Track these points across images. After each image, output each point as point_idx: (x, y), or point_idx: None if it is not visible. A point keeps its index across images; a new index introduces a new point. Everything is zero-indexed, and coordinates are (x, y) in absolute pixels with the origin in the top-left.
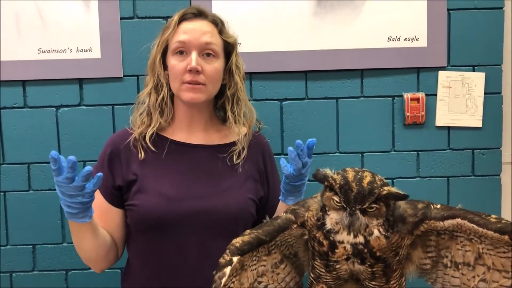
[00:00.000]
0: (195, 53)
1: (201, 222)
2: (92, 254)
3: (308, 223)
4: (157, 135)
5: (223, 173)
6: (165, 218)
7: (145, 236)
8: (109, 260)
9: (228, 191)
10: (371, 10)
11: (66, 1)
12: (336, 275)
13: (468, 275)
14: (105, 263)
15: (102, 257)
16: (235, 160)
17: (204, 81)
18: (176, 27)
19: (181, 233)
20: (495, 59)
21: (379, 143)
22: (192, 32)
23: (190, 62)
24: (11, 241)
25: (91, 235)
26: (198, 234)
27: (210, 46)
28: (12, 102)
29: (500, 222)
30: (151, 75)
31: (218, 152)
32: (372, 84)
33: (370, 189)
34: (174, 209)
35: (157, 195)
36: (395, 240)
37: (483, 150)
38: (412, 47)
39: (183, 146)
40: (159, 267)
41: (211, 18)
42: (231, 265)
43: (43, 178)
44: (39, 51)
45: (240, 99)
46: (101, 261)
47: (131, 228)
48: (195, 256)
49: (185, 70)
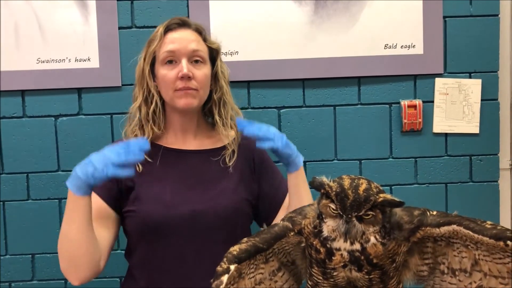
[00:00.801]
0: (185, 60)
1: (198, 225)
2: (76, 246)
3: (305, 230)
4: (151, 144)
5: (217, 176)
6: (162, 223)
7: (144, 243)
8: (89, 268)
9: (222, 194)
10: (368, 18)
11: (65, 11)
12: (333, 283)
13: (465, 282)
14: (84, 269)
15: (85, 256)
16: (228, 162)
17: (196, 86)
18: (162, 38)
19: (178, 238)
20: (492, 65)
21: (377, 150)
22: (180, 41)
23: (182, 69)
24: (10, 251)
25: (82, 219)
26: (195, 238)
27: (197, 53)
28: (11, 112)
29: (495, 228)
30: (140, 88)
31: (211, 156)
32: (369, 91)
33: (366, 196)
34: (170, 214)
35: (153, 201)
36: (392, 247)
37: (480, 157)
38: (408, 55)
39: (177, 153)
40: (159, 273)
41: (194, 27)
42: (229, 273)
43: (42, 187)
44: (38, 61)
45: (226, 102)
46: (83, 262)
47: (130, 236)
48: (194, 260)
49: (177, 78)
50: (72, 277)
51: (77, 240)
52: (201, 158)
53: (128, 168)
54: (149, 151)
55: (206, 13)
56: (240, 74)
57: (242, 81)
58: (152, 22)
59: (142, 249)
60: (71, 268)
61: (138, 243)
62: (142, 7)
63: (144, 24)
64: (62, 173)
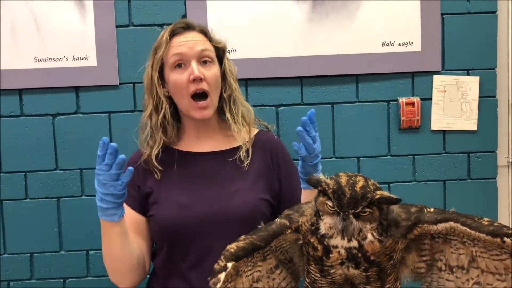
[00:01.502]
0: (195, 62)
1: (213, 226)
2: (120, 262)
3: (303, 228)
4: (166, 148)
5: (232, 176)
6: (178, 225)
7: (164, 245)
8: (136, 275)
9: (237, 193)
10: (365, 15)
11: (62, 9)
12: (331, 280)
13: (463, 278)
14: (132, 277)
15: (130, 269)
16: (243, 161)
17: (208, 88)
18: (169, 43)
19: (196, 239)
20: (489, 62)
21: (375, 147)
22: (186, 44)
23: (192, 72)
24: (8, 250)
25: (120, 240)
26: (212, 238)
27: (206, 53)
28: (8, 111)
29: (492, 225)
30: (149, 96)
31: (226, 157)
32: (367, 89)
33: (363, 193)
34: (186, 215)
35: (169, 204)
36: (389, 244)
37: (478, 154)
38: (406, 52)
39: (192, 156)
40: (179, 274)
41: (198, 29)
42: (226, 271)
43: (40, 186)
44: (35, 60)
45: (236, 100)
46: (129, 274)
47: (154, 238)
48: (211, 260)
49: (188, 81)
50: (124, 285)
51: (120, 257)
52: (216, 159)
53: (120, 179)
54: (165, 157)
55: (204, 10)
56: (238, 72)
57: (240, 79)
58: (149, 20)
59: (163, 251)
60: (121, 280)
61: (160, 245)
62: (139, 5)
63: (141, 22)
64: (60, 172)
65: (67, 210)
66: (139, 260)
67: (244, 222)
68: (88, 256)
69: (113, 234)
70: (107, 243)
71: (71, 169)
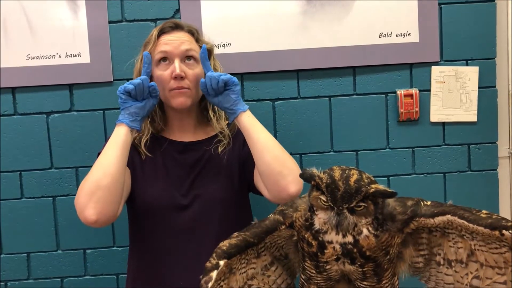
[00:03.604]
0: (178, 60)
1: (194, 209)
2: (110, 178)
3: (297, 223)
4: (154, 135)
5: (210, 163)
6: (158, 206)
7: (142, 228)
8: (113, 204)
9: (215, 178)
10: (362, 6)
11: (54, 6)
12: (327, 276)
13: (461, 273)
14: (108, 204)
15: (114, 189)
16: (220, 150)
17: (189, 85)
18: (156, 40)
19: (175, 223)
20: (489, 52)
21: (374, 140)
22: (172, 43)
23: (174, 69)
24: (5, 250)
25: (125, 152)
26: (192, 222)
27: (190, 53)
28: (2, 110)
29: (490, 218)
30: None
31: (204, 145)
32: (365, 81)
33: (357, 187)
34: (166, 198)
35: (150, 187)
36: (385, 239)
37: (479, 145)
38: (404, 43)
39: (175, 144)
40: (157, 261)
41: (187, 29)
42: (218, 269)
43: (36, 185)
44: (28, 58)
45: None
46: (108, 197)
47: (132, 224)
48: (192, 246)
49: (170, 78)
50: (90, 211)
51: (113, 173)
52: (196, 147)
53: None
54: (153, 142)
55: (197, 4)
56: (233, 67)
57: (235, 74)
58: (142, 15)
59: (141, 237)
60: (93, 203)
61: (138, 230)
62: (132, 0)
63: (134, 18)
64: (55, 171)
65: (63, 209)
66: (124, 188)
67: (224, 205)
68: (86, 255)
69: (123, 143)
70: (109, 154)
71: (66, 168)
